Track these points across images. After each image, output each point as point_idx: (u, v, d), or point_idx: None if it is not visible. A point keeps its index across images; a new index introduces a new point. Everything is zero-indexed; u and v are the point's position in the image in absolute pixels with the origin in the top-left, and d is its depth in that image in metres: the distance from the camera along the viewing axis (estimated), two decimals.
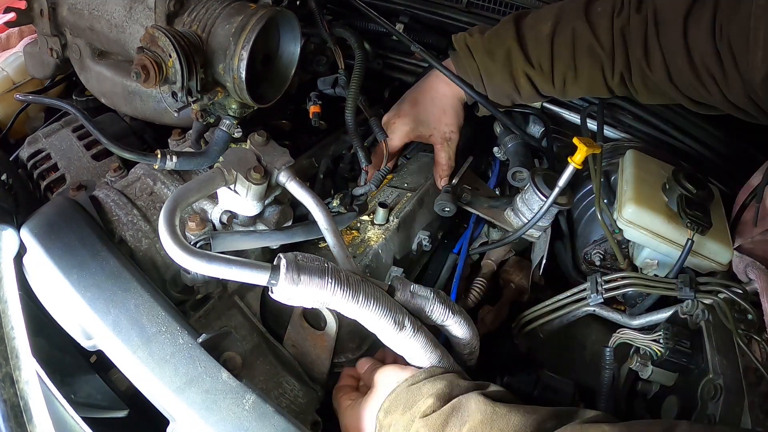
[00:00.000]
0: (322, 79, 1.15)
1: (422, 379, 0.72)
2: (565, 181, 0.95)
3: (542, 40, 1.05)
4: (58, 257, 0.73)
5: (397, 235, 0.97)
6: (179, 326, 0.71)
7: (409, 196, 1.06)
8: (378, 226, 0.97)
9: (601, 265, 1.07)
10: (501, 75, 1.08)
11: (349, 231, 0.97)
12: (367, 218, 0.99)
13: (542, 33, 1.05)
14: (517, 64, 1.06)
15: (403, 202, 1.03)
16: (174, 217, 0.69)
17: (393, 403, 0.71)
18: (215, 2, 0.83)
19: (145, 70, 0.76)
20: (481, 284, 1.10)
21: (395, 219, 0.99)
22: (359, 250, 0.93)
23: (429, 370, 0.73)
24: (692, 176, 0.97)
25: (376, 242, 0.94)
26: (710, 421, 0.69)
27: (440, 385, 0.69)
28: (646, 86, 1.02)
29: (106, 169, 0.98)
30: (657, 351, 0.79)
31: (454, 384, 0.70)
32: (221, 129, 0.87)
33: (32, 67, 1.18)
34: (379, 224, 0.97)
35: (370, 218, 0.99)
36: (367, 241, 0.94)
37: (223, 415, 0.65)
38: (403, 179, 1.13)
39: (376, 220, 0.98)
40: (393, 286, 0.76)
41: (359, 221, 0.99)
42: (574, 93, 1.10)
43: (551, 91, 1.10)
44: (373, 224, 0.98)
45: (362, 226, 0.98)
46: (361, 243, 0.94)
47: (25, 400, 0.62)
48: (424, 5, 1.36)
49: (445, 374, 0.73)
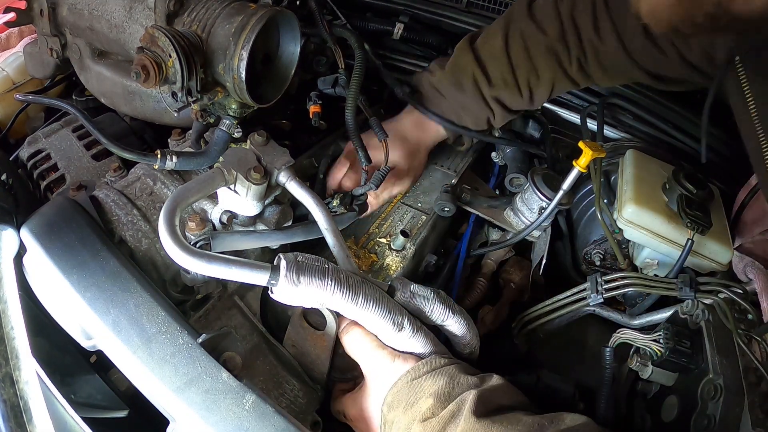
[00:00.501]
0: (323, 79, 1.15)
1: (424, 373, 0.71)
2: (569, 185, 0.95)
3: (498, 55, 1.06)
4: (58, 257, 0.73)
5: (411, 261, 0.99)
6: (179, 326, 0.71)
7: (424, 220, 1.06)
8: (396, 252, 0.99)
9: (601, 265, 1.07)
10: (474, 103, 1.10)
11: (368, 254, 0.98)
12: (384, 241, 1.01)
13: (496, 48, 1.07)
14: (484, 88, 1.08)
15: (418, 227, 1.04)
16: (174, 217, 0.69)
17: (395, 399, 0.70)
18: (215, 2, 0.83)
19: (145, 70, 0.76)
20: (481, 284, 1.10)
21: (412, 246, 1.00)
22: (379, 278, 0.95)
23: (430, 362, 0.72)
24: (692, 176, 0.97)
25: (395, 270, 0.96)
26: (710, 421, 0.69)
27: (441, 383, 0.68)
28: (602, 66, 1.03)
29: (106, 169, 0.98)
30: (657, 351, 0.79)
31: (456, 381, 0.69)
32: (221, 129, 0.87)
33: (32, 67, 1.18)
34: (397, 250, 0.99)
35: (387, 241, 1.00)
36: (387, 269, 0.96)
37: (223, 415, 0.65)
38: (417, 197, 1.13)
39: (393, 245, 0.99)
40: (393, 287, 0.76)
41: (377, 244, 1.01)
42: (541, 96, 1.11)
43: (520, 103, 1.11)
44: (390, 249, 0.99)
45: (380, 251, 1.00)
46: (380, 270, 0.96)
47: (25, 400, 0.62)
48: (424, 5, 1.36)
49: (447, 367, 0.71)
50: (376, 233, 1.03)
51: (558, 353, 1.00)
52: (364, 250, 0.99)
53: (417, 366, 0.72)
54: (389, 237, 1.01)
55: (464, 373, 0.71)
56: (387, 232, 1.03)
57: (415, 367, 0.72)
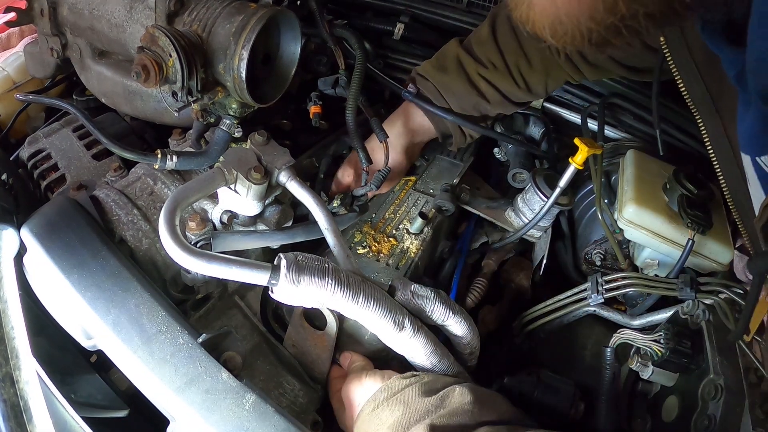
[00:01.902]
0: (323, 80, 1.15)
1: (383, 401, 0.69)
2: (566, 182, 0.95)
3: (485, 41, 1.06)
4: (58, 257, 0.73)
5: (429, 244, 0.99)
6: (179, 326, 0.71)
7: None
8: (414, 235, 0.99)
9: (602, 265, 1.06)
10: (458, 84, 1.08)
11: (387, 239, 0.99)
12: (402, 225, 1.02)
13: (483, 35, 1.07)
14: (470, 68, 1.07)
15: (434, 212, 1.05)
16: (174, 217, 0.68)
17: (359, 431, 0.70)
18: (216, 2, 0.83)
19: (146, 69, 0.76)
20: (481, 284, 1.10)
21: (430, 230, 1.00)
22: (401, 262, 0.95)
23: (389, 387, 0.70)
24: (693, 176, 0.97)
25: (416, 253, 0.97)
26: (711, 421, 0.69)
27: (397, 414, 0.66)
28: (584, 59, 1.03)
29: (107, 168, 0.98)
30: (657, 351, 0.79)
31: (411, 408, 0.66)
32: (221, 129, 0.87)
33: (32, 67, 1.18)
34: (416, 233, 0.99)
35: (405, 225, 1.01)
36: (408, 252, 0.97)
37: (223, 415, 0.65)
38: (428, 184, 1.14)
39: (412, 229, 0.99)
40: (393, 286, 0.76)
41: (395, 228, 1.01)
42: (537, 83, 1.09)
43: (514, 88, 1.08)
44: (409, 233, 0.99)
45: (399, 234, 1.00)
46: (402, 254, 0.97)
47: (25, 400, 0.62)
48: (425, 5, 1.36)
49: (405, 390, 0.68)
50: (392, 218, 1.04)
51: (558, 353, 1.00)
52: (383, 234, 0.99)
53: (376, 393, 0.70)
54: (406, 221, 1.02)
55: (422, 395, 0.68)
56: (403, 217, 1.04)
57: (375, 395, 0.70)
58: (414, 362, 0.76)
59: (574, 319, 0.98)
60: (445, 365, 0.76)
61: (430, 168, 1.19)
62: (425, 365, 0.75)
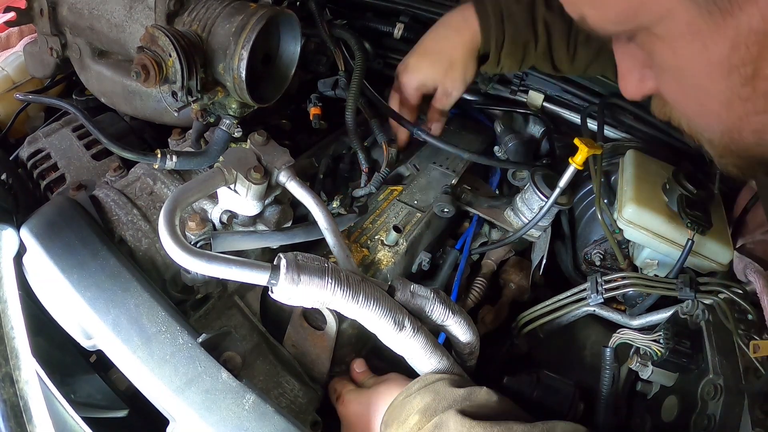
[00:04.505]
0: (323, 81, 1.15)
1: (414, 391, 0.72)
2: (565, 182, 0.95)
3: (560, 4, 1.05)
4: (58, 257, 0.73)
5: (404, 257, 0.98)
6: (179, 326, 0.71)
7: (419, 217, 1.05)
8: (388, 247, 0.98)
9: (601, 265, 1.06)
10: (521, 16, 1.04)
11: (360, 249, 0.98)
12: (377, 236, 1.00)
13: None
14: (540, 8, 1.04)
15: (412, 224, 1.03)
16: (174, 217, 0.68)
17: (390, 417, 0.72)
18: (215, 2, 0.83)
19: (145, 69, 0.76)
20: (481, 284, 1.10)
21: (404, 242, 0.99)
22: (369, 273, 0.94)
23: (423, 379, 0.74)
24: (692, 176, 0.97)
25: (386, 266, 0.95)
26: (710, 421, 0.69)
27: (427, 399, 0.70)
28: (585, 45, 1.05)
29: (106, 168, 0.98)
30: (657, 351, 0.79)
31: (441, 396, 0.70)
32: (221, 128, 0.87)
33: (32, 67, 1.17)
34: (389, 245, 0.98)
35: (380, 237, 0.99)
36: (377, 264, 0.95)
37: (223, 415, 0.65)
38: (413, 195, 1.11)
39: (386, 241, 0.98)
40: (393, 286, 0.76)
41: (369, 239, 0.99)
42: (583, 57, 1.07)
43: (563, 50, 1.06)
44: (383, 245, 0.98)
45: (372, 245, 0.98)
46: (371, 265, 0.96)
47: (25, 400, 0.62)
48: (425, 5, 1.35)
49: (436, 383, 0.72)
50: (370, 228, 1.02)
51: (558, 353, 1.00)
52: (357, 244, 0.98)
53: (409, 385, 0.74)
54: (383, 233, 1.00)
55: (452, 387, 0.71)
56: (380, 228, 1.02)
57: (407, 387, 0.74)
58: (413, 362, 0.76)
59: (573, 319, 0.98)
60: (445, 365, 0.76)
61: (419, 178, 1.16)
62: (425, 365, 0.75)
